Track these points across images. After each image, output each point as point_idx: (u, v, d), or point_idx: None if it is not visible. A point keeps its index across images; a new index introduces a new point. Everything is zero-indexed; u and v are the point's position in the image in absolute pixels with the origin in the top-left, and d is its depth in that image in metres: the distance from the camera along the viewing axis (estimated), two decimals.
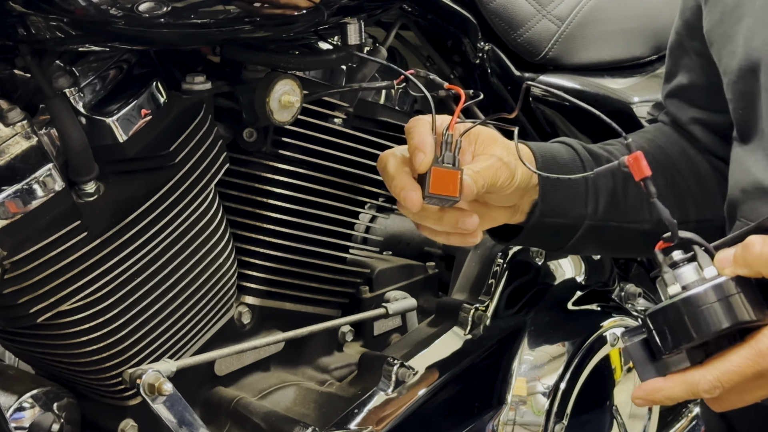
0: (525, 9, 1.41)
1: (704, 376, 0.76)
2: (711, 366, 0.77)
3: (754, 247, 0.75)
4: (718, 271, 0.78)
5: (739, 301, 0.76)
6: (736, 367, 0.75)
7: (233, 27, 0.97)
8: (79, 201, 0.98)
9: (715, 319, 0.76)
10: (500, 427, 1.28)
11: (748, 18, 0.99)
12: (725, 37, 1.02)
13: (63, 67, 0.97)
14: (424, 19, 1.38)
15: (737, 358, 0.76)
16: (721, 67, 1.04)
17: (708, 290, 0.77)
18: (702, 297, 0.77)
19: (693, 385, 0.77)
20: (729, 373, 0.76)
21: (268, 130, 1.15)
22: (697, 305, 0.77)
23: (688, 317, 0.77)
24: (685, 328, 0.77)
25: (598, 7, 1.46)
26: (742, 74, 0.99)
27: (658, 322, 0.79)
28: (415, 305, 1.30)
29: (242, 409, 1.13)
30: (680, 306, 0.77)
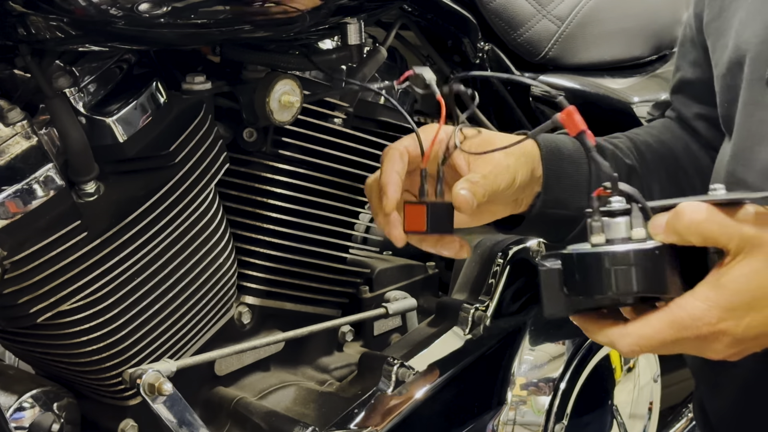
0: (525, 9, 1.41)
1: (623, 337, 0.76)
2: (631, 328, 0.76)
3: (685, 215, 0.73)
4: (650, 234, 0.76)
5: (655, 270, 0.75)
6: (654, 333, 0.75)
7: (233, 27, 0.97)
8: (79, 201, 0.98)
9: (628, 282, 0.74)
10: (500, 427, 1.28)
11: (741, 12, 0.99)
12: (720, 31, 1.02)
13: (63, 67, 0.97)
14: (424, 19, 1.38)
15: (657, 324, 0.74)
16: (713, 60, 1.04)
17: (630, 252, 0.75)
18: (621, 257, 0.75)
19: (612, 342, 0.77)
20: (647, 339, 0.75)
21: (268, 130, 1.15)
22: (616, 263, 0.75)
23: (603, 272, 0.75)
24: (599, 280, 0.75)
25: (598, 7, 1.46)
26: (731, 67, 0.99)
27: (575, 265, 0.77)
28: (415, 305, 1.30)
29: (242, 409, 1.13)
30: (599, 258, 0.75)
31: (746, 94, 0.97)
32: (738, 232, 0.73)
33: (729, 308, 0.73)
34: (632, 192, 0.77)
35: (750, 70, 0.96)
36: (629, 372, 1.40)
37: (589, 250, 0.76)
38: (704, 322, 0.73)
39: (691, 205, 0.74)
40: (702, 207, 0.73)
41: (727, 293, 0.73)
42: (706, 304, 0.73)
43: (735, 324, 0.73)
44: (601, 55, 1.48)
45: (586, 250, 0.77)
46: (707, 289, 0.73)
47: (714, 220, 0.73)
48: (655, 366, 1.44)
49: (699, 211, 0.73)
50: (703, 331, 0.73)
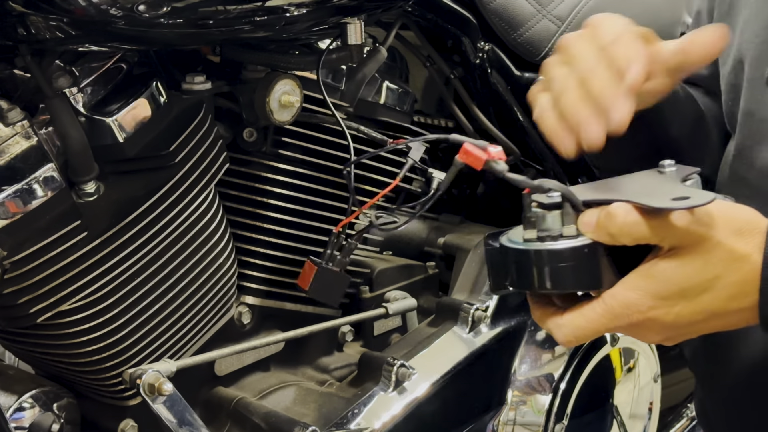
0: (525, 9, 1.41)
1: (559, 328, 0.78)
2: (566, 319, 0.77)
3: (617, 217, 0.73)
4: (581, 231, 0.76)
5: (588, 266, 0.75)
6: (587, 323, 0.76)
7: (233, 27, 0.97)
8: (79, 201, 0.98)
9: (558, 279, 0.75)
10: (500, 427, 1.28)
11: (745, 11, 0.99)
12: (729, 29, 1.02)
13: (63, 67, 0.97)
14: (424, 19, 1.38)
15: (590, 314, 0.76)
16: (720, 59, 1.04)
17: (561, 250, 0.75)
18: (552, 254, 0.75)
19: (550, 331, 0.79)
20: (581, 329, 0.77)
21: (268, 130, 1.15)
22: (545, 261, 0.75)
23: (534, 268, 0.76)
24: (530, 275, 0.76)
25: (598, 7, 1.46)
26: (735, 65, 0.99)
27: (508, 257, 0.78)
28: (415, 305, 1.30)
29: (242, 409, 1.13)
30: (530, 255, 0.76)
31: (747, 93, 0.97)
32: (670, 233, 0.74)
33: (658, 296, 0.74)
34: (565, 190, 0.77)
35: (750, 69, 0.96)
36: (629, 372, 1.40)
37: (521, 246, 0.77)
38: (634, 310, 0.74)
39: (622, 207, 0.74)
40: (633, 210, 0.73)
41: (657, 282, 0.74)
42: (635, 293, 0.74)
43: (665, 312, 0.75)
44: None
45: (517, 245, 0.77)
46: (637, 279, 0.75)
47: (646, 222, 0.73)
48: (655, 366, 1.44)
49: (630, 213, 0.73)
50: (634, 319, 0.75)
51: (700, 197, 0.74)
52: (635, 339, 0.78)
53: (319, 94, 1.16)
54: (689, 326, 0.77)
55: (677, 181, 0.79)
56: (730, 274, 0.74)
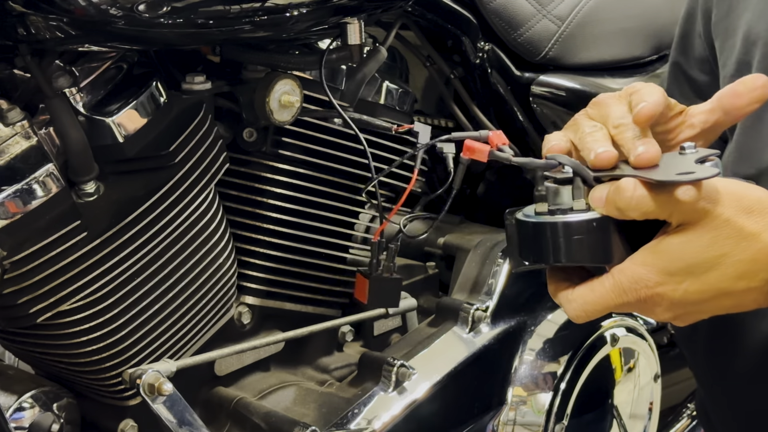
0: (525, 9, 1.41)
1: (569, 303, 0.79)
2: (576, 294, 0.79)
3: (626, 191, 0.74)
4: (591, 206, 0.77)
5: (597, 240, 0.76)
6: (597, 298, 0.77)
7: (233, 27, 0.96)
8: (78, 201, 0.98)
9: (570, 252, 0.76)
10: (500, 427, 1.28)
11: (747, 13, 0.99)
12: (728, 31, 1.02)
13: (63, 67, 0.97)
14: (424, 19, 1.38)
15: (599, 289, 0.77)
16: (721, 61, 1.04)
17: (571, 223, 0.76)
18: (562, 227, 0.76)
19: (562, 304, 0.80)
20: (591, 304, 0.78)
21: (268, 130, 1.15)
22: (557, 233, 0.76)
23: (547, 240, 0.77)
24: (542, 248, 0.77)
25: (598, 7, 1.46)
26: (739, 68, 0.99)
27: (518, 231, 0.80)
28: (415, 305, 1.30)
29: (242, 409, 1.13)
30: (541, 227, 0.77)
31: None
32: (677, 208, 0.74)
33: (666, 272, 0.75)
34: (576, 165, 0.78)
35: (757, 71, 0.96)
36: (629, 372, 1.40)
37: (533, 219, 0.78)
38: (642, 285, 0.75)
39: (630, 182, 0.74)
40: (640, 185, 0.74)
41: (665, 258, 0.75)
42: (644, 268, 0.75)
43: (672, 288, 0.75)
44: (601, 55, 1.48)
45: (529, 219, 0.79)
46: (646, 254, 0.76)
47: (653, 197, 0.74)
48: (655, 366, 1.44)
49: (638, 188, 0.74)
50: (642, 294, 0.76)
51: (704, 172, 0.74)
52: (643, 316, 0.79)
53: (319, 94, 1.16)
54: (698, 304, 0.77)
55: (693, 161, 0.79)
56: (739, 253, 0.74)
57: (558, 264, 0.78)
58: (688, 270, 0.75)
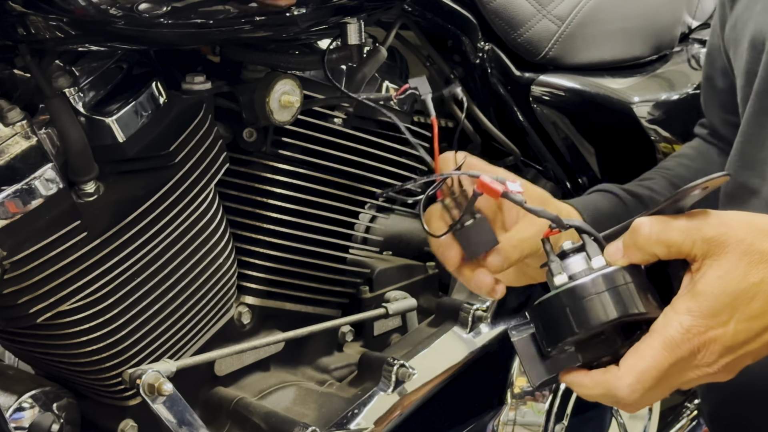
0: (525, 9, 1.41)
1: (621, 380, 0.72)
2: (626, 367, 0.72)
3: (643, 229, 0.72)
4: (609, 262, 0.74)
5: (626, 291, 0.72)
6: (651, 362, 0.71)
7: (233, 27, 0.96)
8: (78, 201, 0.98)
9: (599, 310, 0.71)
10: (500, 427, 1.28)
11: (751, 22, 0.99)
12: (737, 41, 1.02)
13: (63, 67, 0.97)
14: (424, 19, 1.38)
15: (650, 351, 0.72)
16: (735, 70, 1.04)
17: (594, 279, 0.72)
18: (587, 287, 0.72)
19: (611, 390, 0.73)
20: (646, 371, 0.72)
21: (268, 130, 1.15)
22: (582, 296, 0.72)
23: (570, 309, 0.72)
24: (568, 320, 0.72)
25: (598, 7, 1.46)
26: (748, 78, 0.99)
27: (542, 315, 0.74)
28: (415, 305, 1.30)
29: (242, 409, 1.13)
30: (563, 296, 0.72)
31: (759, 103, 0.97)
32: (699, 234, 0.72)
33: (713, 314, 0.71)
34: (581, 224, 0.75)
35: (761, 78, 0.96)
36: None
37: (555, 291, 0.74)
38: (694, 333, 0.71)
39: (645, 220, 0.73)
40: (655, 219, 0.73)
41: (708, 299, 0.71)
42: (690, 315, 0.71)
43: (723, 331, 0.72)
44: (601, 55, 1.48)
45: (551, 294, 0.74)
46: (687, 300, 0.72)
47: (673, 227, 0.72)
48: None
49: (655, 222, 0.72)
50: (695, 343, 0.71)
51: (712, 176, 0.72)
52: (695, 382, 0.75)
53: (320, 94, 1.16)
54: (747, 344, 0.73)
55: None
56: None
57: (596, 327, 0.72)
58: (733, 305, 0.71)
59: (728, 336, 0.72)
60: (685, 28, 1.62)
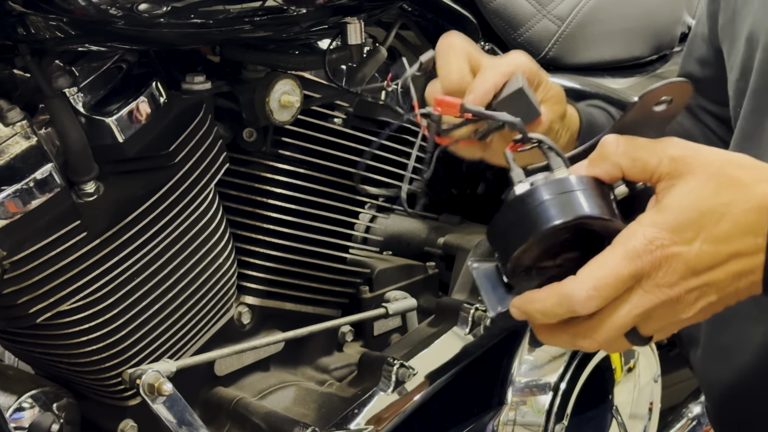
0: (525, 9, 1.41)
1: (578, 286, 0.68)
2: (583, 273, 0.69)
3: (610, 142, 0.71)
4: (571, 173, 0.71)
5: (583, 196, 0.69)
6: (611, 269, 0.68)
7: (233, 27, 0.97)
8: (78, 201, 0.98)
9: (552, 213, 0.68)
10: (500, 427, 1.28)
11: (750, 17, 0.99)
12: (734, 36, 1.02)
13: (63, 67, 0.97)
14: (424, 19, 1.38)
15: (611, 259, 0.68)
16: (728, 65, 1.04)
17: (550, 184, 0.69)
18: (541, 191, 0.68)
19: (567, 297, 0.69)
20: (605, 278, 0.68)
21: (268, 130, 1.15)
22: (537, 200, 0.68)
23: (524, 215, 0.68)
24: (521, 227, 0.68)
25: (598, 7, 1.46)
26: (744, 73, 0.99)
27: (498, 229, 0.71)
28: (415, 305, 1.30)
29: (242, 409, 1.13)
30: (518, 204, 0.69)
31: (755, 101, 0.97)
32: (666, 153, 0.70)
33: (678, 229, 0.69)
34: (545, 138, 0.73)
35: (758, 77, 0.96)
36: (629, 372, 1.40)
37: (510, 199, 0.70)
38: (657, 245, 0.68)
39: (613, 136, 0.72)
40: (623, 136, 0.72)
41: (674, 212, 0.69)
42: (655, 227, 0.68)
43: (687, 249, 0.69)
44: (601, 55, 1.48)
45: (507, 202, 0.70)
46: (652, 214, 0.70)
47: (640, 144, 0.71)
48: (655, 366, 1.44)
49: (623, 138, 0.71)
50: (657, 256, 0.68)
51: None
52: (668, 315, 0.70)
53: (319, 93, 1.16)
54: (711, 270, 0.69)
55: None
56: (744, 201, 0.69)
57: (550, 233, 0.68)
58: (700, 221, 0.69)
59: (692, 255, 0.69)
60: (685, 28, 1.62)
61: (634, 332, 0.72)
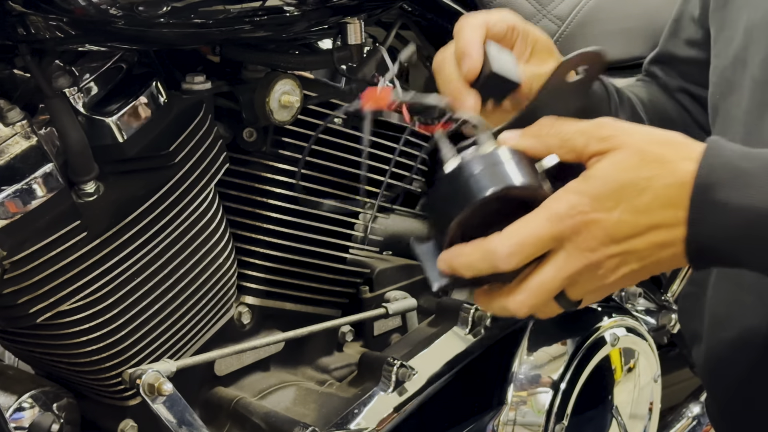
0: (525, 9, 1.41)
1: (501, 242, 0.73)
2: (507, 231, 0.73)
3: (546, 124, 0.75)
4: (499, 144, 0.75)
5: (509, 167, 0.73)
6: (533, 229, 0.73)
7: (233, 27, 0.97)
8: (78, 201, 0.98)
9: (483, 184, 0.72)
10: (500, 427, 1.28)
11: (747, 7, 0.99)
12: (725, 22, 1.02)
13: (63, 66, 0.97)
14: (424, 19, 1.38)
15: (533, 220, 0.73)
16: (714, 50, 1.04)
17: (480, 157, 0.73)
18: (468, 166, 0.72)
19: (490, 252, 0.73)
20: (527, 236, 0.73)
21: (268, 130, 1.15)
22: (465, 175, 0.72)
23: (453, 191, 0.72)
24: (455, 201, 0.72)
25: (598, 7, 1.46)
26: (735, 63, 0.99)
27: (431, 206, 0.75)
28: (415, 305, 1.30)
29: (242, 409, 1.13)
30: (447, 181, 0.73)
31: (757, 94, 0.97)
32: (595, 134, 0.74)
33: (599, 198, 0.73)
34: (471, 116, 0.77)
35: (760, 70, 0.96)
36: (629, 372, 1.40)
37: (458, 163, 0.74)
38: (578, 211, 0.72)
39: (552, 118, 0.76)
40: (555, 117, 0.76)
41: (597, 182, 0.73)
42: (578, 194, 0.73)
43: (607, 216, 0.73)
44: None
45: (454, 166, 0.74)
46: (577, 183, 0.74)
47: (570, 124, 0.75)
48: (655, 366, 1.44)
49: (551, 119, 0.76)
50: (578, 221, 0.72)
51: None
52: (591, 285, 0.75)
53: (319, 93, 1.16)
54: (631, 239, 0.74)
55: None
56: (666, 176, 0.73)
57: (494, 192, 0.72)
58: (621, 192, 0.73)
59: (611, 222, 0.73)
60: None
61: (563, 296, 0.76)
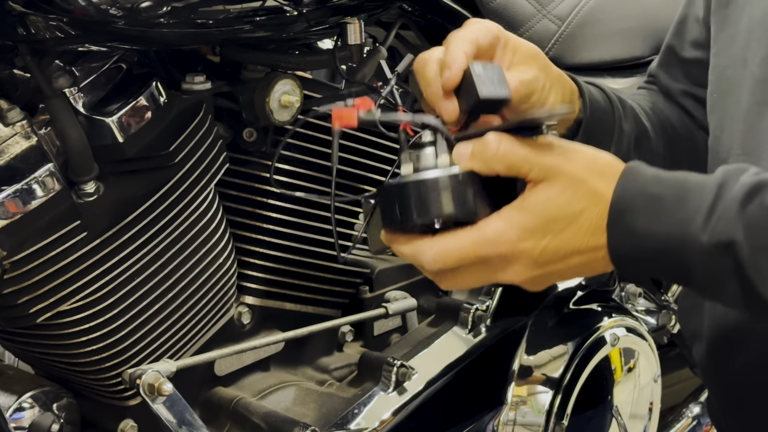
0: (525, 9, 1.41)
1: (430, 248, 0.79)
2: (438, 240, 0.79)
3: (491, 145, 0.78)
4: (453, 161, 0.79)
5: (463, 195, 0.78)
6: (459, 247, 0.78)
7: (233, 27, 0.97)
8: (78, 201, 0.98)
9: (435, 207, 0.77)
10: (500, 427, 1.28)
11: (749, 8, 0.99)
12: (726, 21, 1.02)
13: (63, 67, 0.97)
14: (424, 19, 1.38)
15: (463, 240, 0.78)
16: (714, 49, 1.04)
17: (438, 178, 0.78)
18: (430, 183, 0.77)
19: (419, 252, 0.79)
20: (451, 251, 0.78)
21: (268, 130, 1.15)
22: (424, 189, 0.77)
23: (414, 199, 0.78)
24: (407, 209, 0.78)
25: (598, 7, 1.46)
26: (736, 62, 0.99)
27: (385, 198, 0.80)
28: (415, 305, 1.30)
29: (242, 409, 1.13)
30: (409, 186, 0.78)
31: (756, 93, 0.97)
32: (539, 161, 0.78)
33: (529, 229, 0.77)
34: (434, 122, 0.80)
35: (760, 69, 0.96)
36: (629, 372, 1.40)
37: (399, 180, 0.80)
38: (505, 240, 0.77)
39: (496, 137, 0.78)
40: (506, 138, 0.78)
41: (529, 216, 0.78)
42: (508, 224, 0.77)
43: (533, 246, 0.78)
44: (601, 55, 1.48)
45: (395, 181, 0.80)
46: (511, 212, 0.78)
47: (518, 150, 0.78)
48: (655, 366, 1.44)
49: (505, 141, 0.78)
50: (503, 249, 0.77)
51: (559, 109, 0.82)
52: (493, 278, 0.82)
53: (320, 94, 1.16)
54: (552, 263, 0.79)
55: None
56: (592, 209, 0.78)
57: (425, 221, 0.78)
58: (549, 225, 0.77)
59: (536, 252, 0.78)
60: None
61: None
